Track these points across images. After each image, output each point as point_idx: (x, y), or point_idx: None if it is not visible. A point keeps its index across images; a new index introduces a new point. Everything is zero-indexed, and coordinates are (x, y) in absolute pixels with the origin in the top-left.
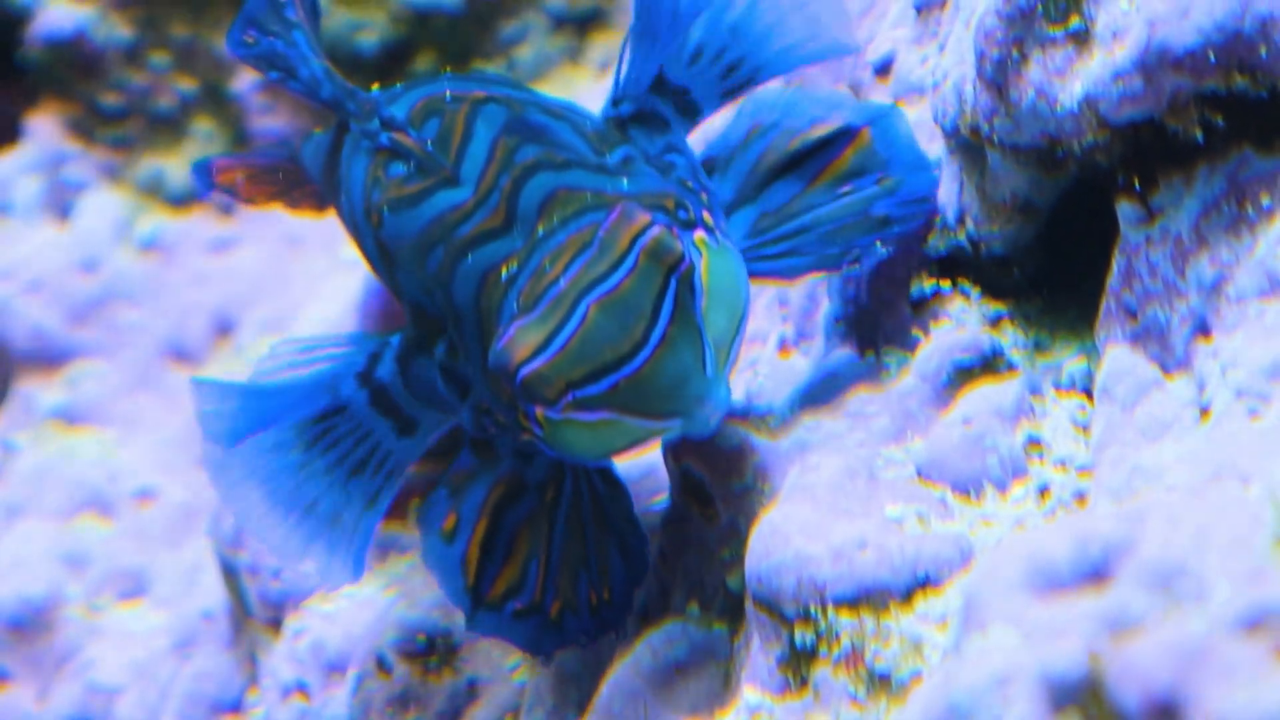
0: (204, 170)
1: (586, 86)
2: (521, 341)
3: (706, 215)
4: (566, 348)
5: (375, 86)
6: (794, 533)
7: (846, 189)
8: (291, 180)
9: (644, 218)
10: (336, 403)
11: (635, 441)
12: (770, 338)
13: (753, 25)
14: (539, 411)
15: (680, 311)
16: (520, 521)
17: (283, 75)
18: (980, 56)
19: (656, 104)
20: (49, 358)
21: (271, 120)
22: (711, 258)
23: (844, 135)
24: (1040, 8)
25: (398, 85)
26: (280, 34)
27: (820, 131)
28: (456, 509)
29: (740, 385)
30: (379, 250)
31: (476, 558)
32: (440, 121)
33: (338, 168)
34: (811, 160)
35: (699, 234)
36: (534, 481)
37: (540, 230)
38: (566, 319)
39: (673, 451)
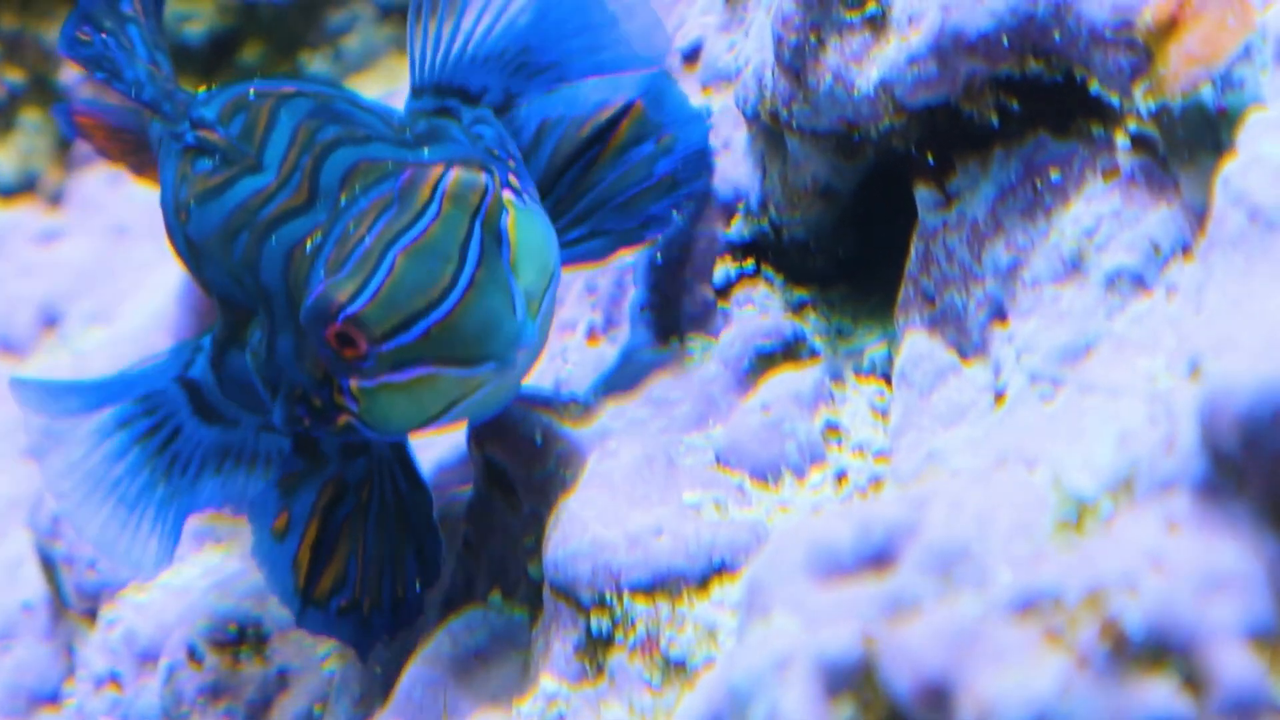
0: (64, 114)
1: None
2: (337, 289)
3: (513, 179)
4: (376, 297)
5: (202, 88)
6: (591, 519)
7: (628, 157)
8: (141, 145)
9: (439, 167)
10: (153, 396)
11: (453, 402)
12: (579, 325)
13: (550, 34)
14: (353, 384)
15: (487, 256)
16: (342, 520)
17: (108, 76)
18: (779, 42)
19: (455, 104)
20: None
21: None
22: (519, 215)
23: (624, 112)
24: None
25: (214, 88)
26: (114, 30)
27: (606, 114)
28: (288, 509)
29: (549, 373)
30: (188, 247)
31: (308, 559)
32: (246, 116)
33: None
34: (598, 142)
35: (506, 194)
36: (354, 481)
37: (343, 200)
38: (375, 271)
39: (476, 440)
